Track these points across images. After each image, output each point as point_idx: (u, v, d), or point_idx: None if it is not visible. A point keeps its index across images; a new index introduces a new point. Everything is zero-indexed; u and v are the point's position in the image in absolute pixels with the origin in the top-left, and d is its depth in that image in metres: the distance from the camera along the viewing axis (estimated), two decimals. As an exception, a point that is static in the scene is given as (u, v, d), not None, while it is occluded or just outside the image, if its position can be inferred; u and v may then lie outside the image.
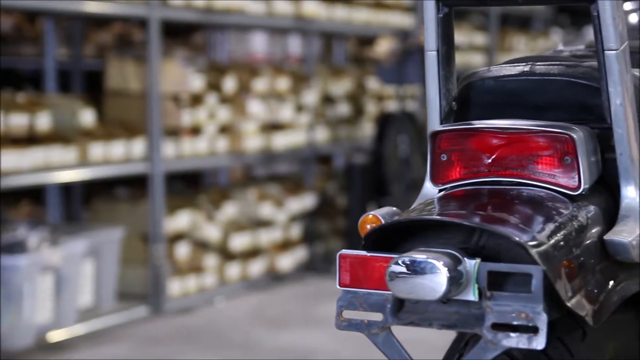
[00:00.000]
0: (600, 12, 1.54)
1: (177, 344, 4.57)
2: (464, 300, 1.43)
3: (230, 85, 5.56)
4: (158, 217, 5.04)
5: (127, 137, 4.93)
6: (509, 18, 9.00)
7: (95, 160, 4.76)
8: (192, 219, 5.39)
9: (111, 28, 6.41)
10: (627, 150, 1.57)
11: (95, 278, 4.87)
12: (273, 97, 5.85)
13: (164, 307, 5.05)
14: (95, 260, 4.85)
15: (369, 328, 1.48)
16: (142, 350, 4.50)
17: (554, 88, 1.65)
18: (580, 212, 1.53)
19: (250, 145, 5.62)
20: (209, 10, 5.32)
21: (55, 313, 4.49)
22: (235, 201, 5.74)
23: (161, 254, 5.03)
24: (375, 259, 1.45)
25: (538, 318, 1.38)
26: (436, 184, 1.64)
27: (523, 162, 1.57)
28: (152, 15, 4.95)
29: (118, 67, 5.19)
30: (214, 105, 5.43)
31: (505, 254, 1.46)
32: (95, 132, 4.86)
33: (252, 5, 5.60)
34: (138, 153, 4.97)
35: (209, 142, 5.37)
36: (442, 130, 1.62)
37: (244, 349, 4.48)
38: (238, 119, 5.57)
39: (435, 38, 1.66)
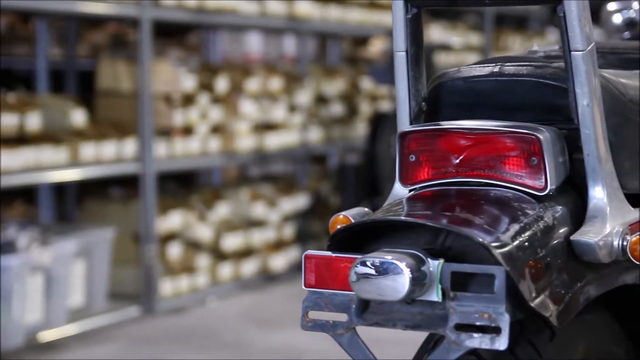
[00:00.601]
0: (567, 13, 1.55)
1: (169, 344, 4.58)
2: (428, 300, 1.43)
3: (222, 85, 5.56)
4: (150, 217, 5.04)
5: (118, 137, 4.94)
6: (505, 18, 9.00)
7: (87, 160, 4.76)
8: (184, 219, 5.39)
9: (106, 28, 6.41)
10: (594, 150, 1.58)
11: (86, 278, 4.87)
12: (266, 97, 5.86)
13: (155, 307, 5.06)
14: (87, 260, 4.86)
15: (333, 329, 1.48)
16: (133, 350, 4.50)
17: (522, 89, 1.65)
18: (547, 212, 1.54)
19: (243, 145, 5.62)
20: (201, 10, 5.32)
21: (45, 313, 4.49)
22: (228, 201, 5.75)
23: (153, 254, 5.04)
24: (340, 260, 1.45)
25: (500, 318, 1.38)
26: (405, 184, 1.64)
27: (490, 162, 1.57)
28: (143, 16, 4.95)
29: (110, 67, 5.20)
30: (206, 105, 5.43)
31: (470, 255, 1.46)
32: (87, 132, 4.87)
33: (244, 5, 5.60)
34: (129, 153, 4.97)
35: (201, 142, 5.37)
36: (410, 131, 1.62)
37: (236, 349, 4.49)
38: (230, 119, 5.57)
39: (404, 39, 1.66)
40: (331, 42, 7.22)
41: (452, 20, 7.77)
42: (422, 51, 1.70)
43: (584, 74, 1.56)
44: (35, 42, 5.44)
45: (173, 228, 5.31)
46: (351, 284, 1.41)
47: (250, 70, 5.90)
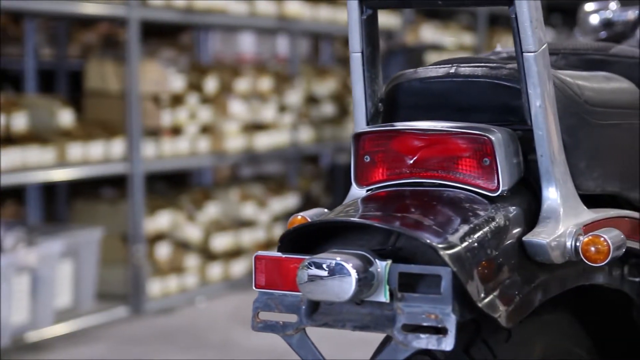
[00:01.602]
0: (518, 15, 1.55)
1: (156, 344, 4.58)
2: (377, 301, 1.43)
3: (211, 85, 5.57)
4: (138, 217, 5.05)
5: (106, 138, 4.94)
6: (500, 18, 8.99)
7: (74, 160, 4.76)
8: (173, 219, 5.40)
9: (96, 28, 6.42)
10: (547, 151, 1.58)
11: (73, 278, 4.88)
12: (255, 97, 5.86)
13: (144, 308, 5.06)
14: (74, 261, 4.86)
15: (283, 329, 1.49)
16: (120, 350, 4.51)
17: (477, 90, 1.65)
18: (499, 213, 1.54)
19: (232, 146, 5.62)
20: (190, 10, 5.32)
21: (31, 313, 4.50)
22: (217, 201, 5.75)
23: (141, 254, 5.04)
24: (289, 261, 1.46)
25: (447, 319, 1.38)
26: (360, 185, 1.64)
27: (444, 163, 1.58)
28: (131, 16, 4.96)
29: (97, 68, 5.20)
30: (195, 106, 5.44)
31: (421, 256, 1.46)
32: (74, 132, 4.87)
33: (234, 6, 5.61)
34: (117, 153, 4.98)
35: (190, 143, 5.38)
36: (364, 132, 1.62)
37: (222, 349, 4.49)
38: (220, 119, 5.57)
39: (360, 40, 1.66)
40: (323, 42, 7.23)
41: (445, 20, 7.77)
42: (378, 52, 1.70)
43: (536, 75, 1.56)
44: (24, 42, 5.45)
45: (162, 228, 5.31)
46: (298, 285, 1.41)
47: (240, 71, 5.90)
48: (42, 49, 6.02)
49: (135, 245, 5.04)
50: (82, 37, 6.39)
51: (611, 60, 1.89)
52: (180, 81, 5.33)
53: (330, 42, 7.23)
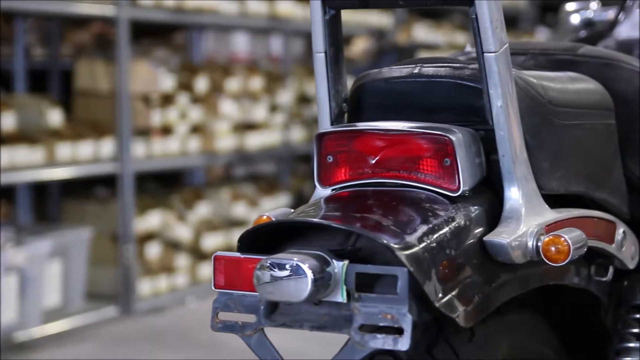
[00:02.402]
0: (478, 15, 1.55)
1: (144, 344, 4.58)
2: (335, 302, 1.43)
3: (202, 85, 5.57)
4: (128, 217, 5.05)
5: (95, 137, 4.94)
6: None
7: (63, 160, 4.77)
8: (164, 219, 5.40)
9: (89, 28, 6.42)
10: (509, 151, 1.57)
11: (62, 278, 4.88)
12: (246, 96, 5.86)
13: (134, 307, 5.06)
14: (63, 260, 4.86)
15: (242, 330, 1.49)
16: (109, 350, 4.51)
17: (441, 90, 1.65)
18: (459, 213, 1.53)
19: (223, 145, 5.62)
20: (180, 10, 5.33)
21: (20, 313, 4.50)
22: (208, 201, 5.75)
23: (131, 254, 5.04)
24: (248, 261, 1.46)
25: (403, 319, 1.39)
26: (323, 185, 1.64)
27: (405, 163, 1.58)
28: (121, 15, 4.96)
29: (87, 67, 5.20)
30: (186, 105, 5.44)
31: (380, 256, 1.46)
32: (63, 132, 4.87)
33: (225, 5, 5.61)
34: (107, 153, 4.98)
35: (180, 142, 5.38)
36: (327, 132, 1.63)
37: (212, 348, 4.49)
38: (210, 118, 5.58)
39: (323, 40, 1.66)
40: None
41: (438, 20, 7.76)
42: (342, 52, 1.70)
43: (497, 76, 1.56)
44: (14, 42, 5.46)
45: (152, 228, 5.32)
46: (255, 285, 1.41)
47: (231, 70, 5.90)
48: (34, 49, 6.02)
49: (125, 245, 5.04)
50: (75, 36, 6.39)
51: (579, 60, 1.89)
52: (170, 81, 5.33)
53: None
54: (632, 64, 1.89)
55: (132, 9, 5.04)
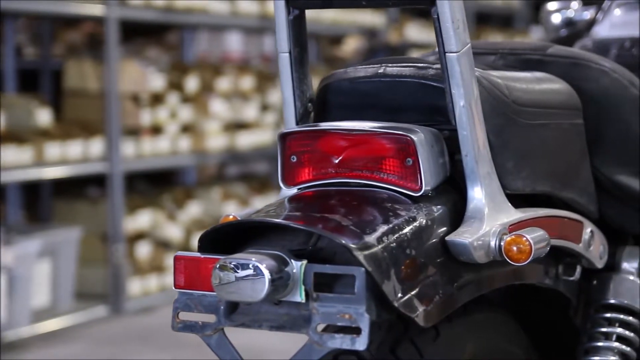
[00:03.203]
0: (440, 15, 1.55)
1: (133, 344, 4.59)
2: (294, 302, 1.43)
3: (192, 84, 5.57)
4: (117, 216, 5.05)
5: (85, 137, 4.95)
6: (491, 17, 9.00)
7: (52, 160, 4.77)
8: (154, 218, 5.40)
9: (81, 28, 6.42)
10: (472, 151, 1.57)
11: (52, 278, 4.88)
12: (237, 96, 5.87)
13: (124, 307, 5.06)
14: (52, 260, 4.86)
15: (202, 330, 1.49)
16: (97, 350, 4.51)
17: (405, 90, 1.65)
18: (421, 213, 1.53)
19: (214, 145, 5.63)
20: (170, 9, 5.33)
21: (9, 313, 4.50)
22: (199, 200, 5.76)
23: (121, 254, 5.04)
24: (208, 261, 1.46)
25: (360, 319, 1.39)
26: (288, 185, 1.64)
27: (368, 163, 1.58)
28: (110, 15, 4.96)
29: (76, 67, 5.21)
30: (176, 105, 5.44)
31: (340, 256, 1.46)
32: (52, 131, 4.88)
33: (215, 5, 5.61)
34: (96, 153, 4.98)
35: (170, 142, 5.38)
36: (290, 132, 1.63)
37: (200, 348, 4.45)
38: (201, 118, 5.58)
39: (287, 40, 1.66)
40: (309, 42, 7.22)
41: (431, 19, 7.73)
42: (306, 52, 1.70)
43: (459, 75, 1.56)
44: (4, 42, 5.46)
45: (142, 227, 5.32)
46: (213, 285, 1.42)
47: (221, 70, 5.90)
48: (26, 49, 6.03)
49: (115, 244, 5.05)
50: (66, 36, 6.40)
51: (547, 60, 1.89)
52: (160, 80, 5.33)
53: (316, 41, 7.22)
54: (600, 64, 1.89)
55: (121, 9, 5.04)
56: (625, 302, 1.89)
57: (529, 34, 8.72)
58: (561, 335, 2.00)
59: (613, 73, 1.88)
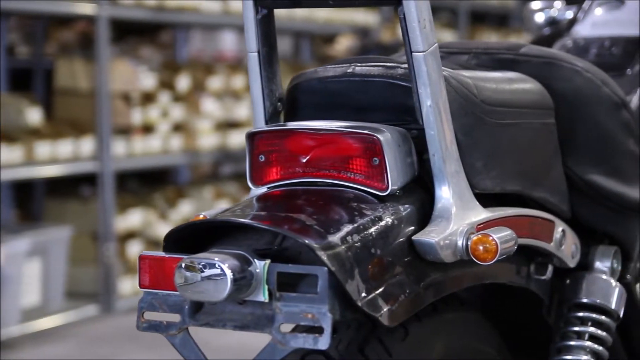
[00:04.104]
0: (406, 15, 1.54)
1: (123, 343, 4.59)
2: (258, 301, 1.43)
3: (184, 83, 5.57)
4: (108, 215, 5.06)
5: (75, 136, 4.95)
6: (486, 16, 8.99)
7: (42, 159, 4.77)
8: (145, 217, 5.40)
9: (74, 27, 6.42)
10: (439, 151, 1.57)
11: (42, 277, 4.88)
12: (229, 95, 5.87)
13: (114, 306, 5.07)
14: (42, 259, 4.87)
15: (167, 329, 1.49)
16: (88, 349, 4.51)
17: (374, 89, 1.64)
18: (387, 212, 1.53)
19: (205, 144, 5.63)
20: (161, 8, 5.33)
21: (-2, 312, 4.51)
22: (191, 199, 5.76)
23: (112, 253, 5.05)
24: (172, 260, 1.45)
25: (323, 318, 1.38)
26: (256, 185, 1.64)
27: (335, 163, 1.57)
28: (101, 14, 4.96)
29: (67, 66, 5.21)
30: (167, 104, 5.44)
31: (305, 256, 1.46)
32: (43, 130, 4.88)
33: (207, 4, 5.61)
34: (87, 152, 4.98)
35: (162, 141, 5.38)
36: (258, 132, 1.62)
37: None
38: (192, 117, 5.58)
39: (256, 39, 1.66)
40: (303, 40, 7.23)
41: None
42: (275, 51, 1.70)
43: (426, 75, 1.55)
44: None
45: (133, 226, 5.32)
46: (176, 285, 1.41)
47: (213, 69, 5.90)
48: (18, 48, 6.03)
49: (106, 243, 5.05)
50: (59, 35, 6.40)
51: (520, 59, 1.88)
52: (151, 79, 5.33)
53: (309, 40, 7.22)
54: (573, 63, 1.89)
55: (112, 8, 5.04)
56: (597, 302, 1.89)
57: (523, 33, 8.72)
58: (534, 334, 2.00)
59: (586, 73, 1.88)
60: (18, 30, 6.05)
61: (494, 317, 1.93)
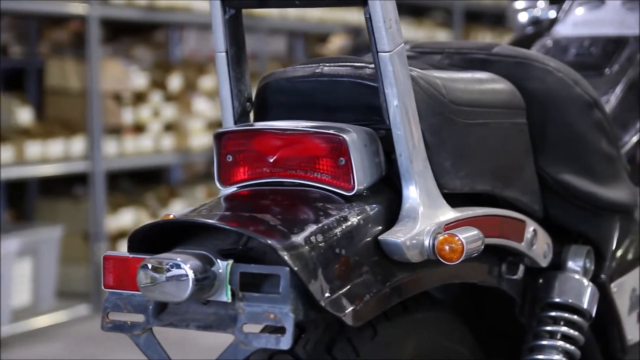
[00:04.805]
0: (372, 15, 1.54)
1: (112, 342, 4.58)
2: (222, 301, 1.43)
3: (175, 83, 5.57)
4: (99, 215, 5.06)
5: (66, 136, 4.95)
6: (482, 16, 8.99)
7: (33, 158, 4.77)
8: (136, 217, 5.40)
9: (67, 26, 6.42)
10: (406, 151, 1.57)
11: (33, 277, 4.89)
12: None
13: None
14: (33, 259, 4.87)
15: (131, 329, 1.49)
16: (79, 349, 4.51)
17: (342, 89, 1.64)
18: (353, 212, 1.53)
19: (197, 143, 5.63)
20: (152, 8, 5.33)
21: (-12, 312, 4.51)
22: (183, 199, 5.76)
23: (103, 253, 5.04)
24: (136, 260, 1.45)
25: (285, 318, 1.38)
26: (223, 185, 1.64)
27: (302, 163, 1.57)
28: (91, 14, 4.96)
29: (58, 66, 5.21)
30: (159, 104, 5.45)
31: (270, 256, 1.46)
32: (33, 130, 4.88)
33: (198, 4, 5.61)
34: (78, 151, 4.99)
35: (154, 140, 5.38)
36: (225, 132, 1.63)
37: (180, 347, 4.48)
38: (184, 116, 5.58)
39: (224, 39, 1.66)
40: (297, 40, 7.23)
41: (419, 17, 7.75)
42: (244, 51, 1.70)
43: (392, 75, 1.55)
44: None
45: (125, 226, 5.32)
46: (138, 285, 1.41)
47: (205, 68, 5.90)
48: (11, 48, 6.03)
49: (97, 243, 5.05)
50: (52, 35, 6.40)
51: (492, 59, 1.88)
52: (143, 79, 5.33)
53: (303, 40, 7.23)
54: (544, 63, 1.88)
55: (103, 7, 5.04)
56: (570, 301, 1.89)
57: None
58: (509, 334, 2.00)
59: (557, 72, 1.88)
60: (11, 30, 6.05)
61: (469, 317, 1.92)
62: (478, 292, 2.00)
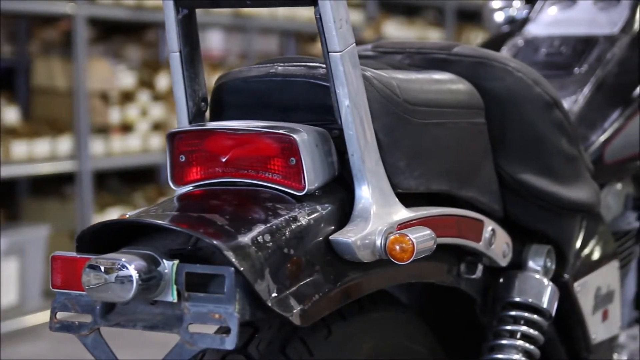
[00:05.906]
0: (322, 15, 1.54)
1: (99, 342, 4.58)
2: (168, 301, 1.43)
3: (164, 82, 5.57)
4: (86, 214, 5.06)
5: (53, 135, 4.95)
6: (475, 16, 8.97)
7: (19, 158, 4.77)
8: (124, 216, 5.40)
9: (57, 26, 6.42)
10: (358, 150, 1.56)
11: (19, 276, 4.89)
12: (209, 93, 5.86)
13: (93, 305, 5.06)
14: (19, 259, 4.87)
15: (79, 330, 1.49)
16: (64, 348, 4.51)
17: (295, 89, 1.64)
18: (303, 212, 1.52)
19: (186, 143, 5.62)
20: (140, 7, 5.33)
21: (-27, 311, 4.51)
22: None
23: (89, 252, 5.04)
24: (84, 260, 1.45)
25: (230, 319, 1.38)
26: (176, 184, 1.64)
27: (253, 163, 1.57)
28: (78, 13, 4.96)
29: (45, 65, 5.21)
30: (147, 103, 5.45)
31: (218, 256, 1.46)
32: (20, 129, 4.88)
33: (186, 3, 5.60)
34: (64, 151, 4.99)
35: (141, 140, 5.38)
36: (177, 132, 1.62)
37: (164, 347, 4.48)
38: (172, 116, 5.58)
39: (177, 39, 1.66)
40: (288, 39, 7.23)
41: (410, 16, 7.74)
42: (197, 51, 1.70)
43: (343, 75, 1.55)
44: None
45: (112, 225, 5.31)
46: (83, 285, 1.41)
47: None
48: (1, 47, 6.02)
49: (84, 242, 5.04)
50: (42, 34, 6.40)
51: (452, 59, 1.88)
52: (130, 78, 5.33)
53: (294, 39, 7.22)
54: (504, 63, 1.88)
55: (90, 7, 5.04)
56: (530, 301, 1.89)
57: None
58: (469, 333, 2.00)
59: (517, 72, 1.88)
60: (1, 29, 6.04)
61: (430, 317, 1.92)
62: (440, 292, 2.00)
